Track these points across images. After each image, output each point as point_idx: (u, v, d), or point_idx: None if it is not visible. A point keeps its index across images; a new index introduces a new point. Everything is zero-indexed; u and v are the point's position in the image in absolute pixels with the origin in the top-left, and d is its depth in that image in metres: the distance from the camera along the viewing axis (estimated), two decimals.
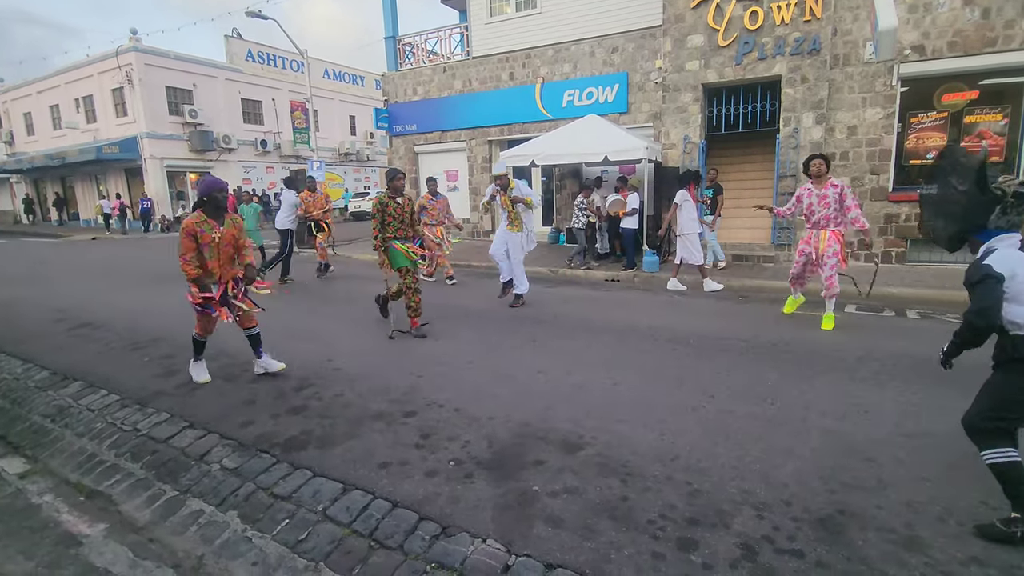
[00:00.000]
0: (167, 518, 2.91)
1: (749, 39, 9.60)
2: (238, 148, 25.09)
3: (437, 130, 14.61)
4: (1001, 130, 8.73)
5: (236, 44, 25.85)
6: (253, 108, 26.34)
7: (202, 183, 4.32)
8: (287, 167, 27.61)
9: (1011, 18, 8.15)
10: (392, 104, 15.24)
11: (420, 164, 15.40)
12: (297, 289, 9.18)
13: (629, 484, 2.90)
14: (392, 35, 15.06)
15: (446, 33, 14.73)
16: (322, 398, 4.19)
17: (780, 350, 5.14)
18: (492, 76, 13.46)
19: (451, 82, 14.14)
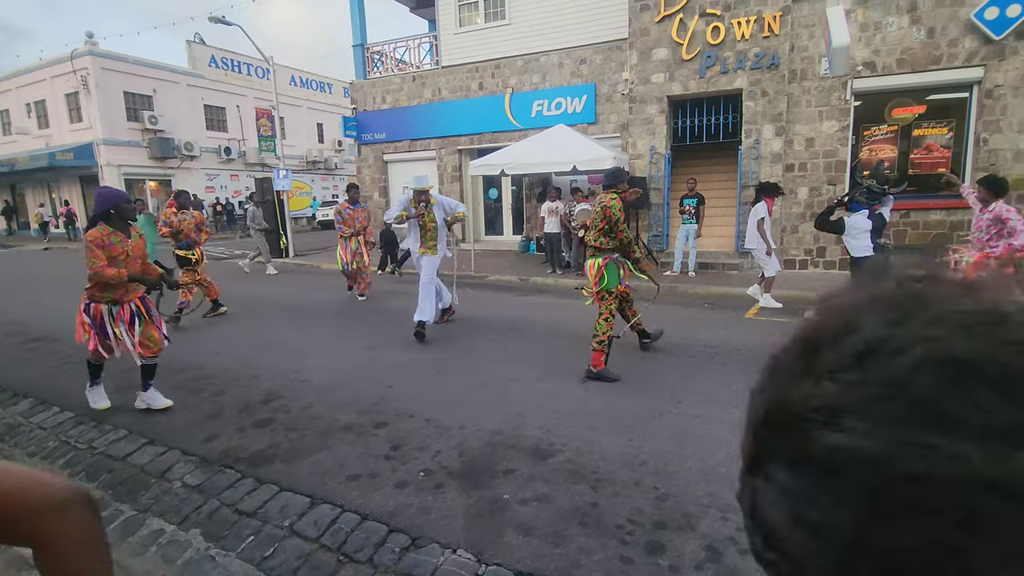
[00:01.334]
0: (126, 539, 2.81)
1: (712, 53, 9.90)
2: (201, 155, 24.47)
3: (407, 139, 14.56)
4: (947, 143, 9.20)
5: (199, 49, 25.36)
6: (217, 115, 25.76)
7: (101, 195, 4.01)
8: (252, 175, 27.09)
9: (954, 37, 8.63)
10: (361, 112, 15.14)
11: (390, 173, 15.31)
12: (264, 300, 8.99)
13: (599, 490, 2.94)
14: (360, 43, 14.98)
15: (415, 42, 14.73)
16: (290, 411, 4.12)
17: (744, 356, 5.28)
18: (462, 85, 13.52)
19: (420, 91, 14.14)
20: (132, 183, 23.00)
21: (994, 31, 8.30)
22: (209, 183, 24.94)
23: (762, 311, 7.31)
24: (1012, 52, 8.38)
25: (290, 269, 13.17)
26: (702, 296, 8.37)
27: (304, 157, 29.44)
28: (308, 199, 29.18)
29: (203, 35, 25.96)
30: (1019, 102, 8.45)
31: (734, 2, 9.61)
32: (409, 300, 8.53)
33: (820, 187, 9.69)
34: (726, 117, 10.31)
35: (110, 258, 3.87)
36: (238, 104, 26.30)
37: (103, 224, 3.93)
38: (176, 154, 23.30)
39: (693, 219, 9.47)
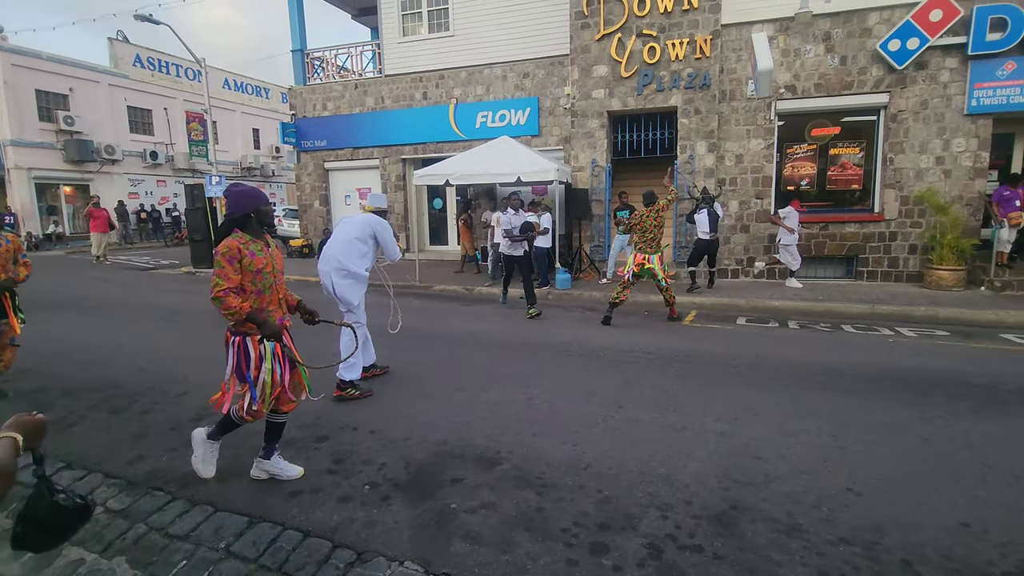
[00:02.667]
0: (40, 570, 2.60)
1: (648, 72, 10.34)
2: (124, 159, 23.01)
3: (348, 147, 14.30)
4: (859, 161, 10.00)
5: (122, 48, 23.94)
6: (142, 117, 24.33)
7: (239, 195, 3.02)
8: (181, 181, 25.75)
9: (863, 65, 9.42)
10: (300, 119, 14.74)
11: (331, 181, 14.96)
12: (193, 311, 8.55)
13: (544, 495, 2.98)
14: (300, 48, 14.63)
15: (357, 49, 14.53)
16: None
17: (681, 361, 5.50)
18: (405, 95, 13.44)
19: (363, 99, 13.94)
20: (44, 188, 21.34)
21: (896, 61, 9.13)
22: (133, 189, 23.47)
23: (698, 318, 7.64)
24: (912, 81, 9.23)
25: None
26: (642, 304, 8.65)
27: (239, 163, 28.29)
28: None
29: (128, 34, 24.55)
30: (919, 126, 9.32)
31: (668, 24, 10.10)
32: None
33: (749, 200, 10.27)
34: (663, 133, 10.77)
35: (255, 272, 2.95)
36: (166, 107, 24.97)
37: (239, 231, 3.00)
38: (95, 157, 21.79)
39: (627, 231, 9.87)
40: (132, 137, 23.76)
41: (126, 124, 23.60)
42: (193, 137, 22.46)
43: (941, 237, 8.85)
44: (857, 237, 9.77)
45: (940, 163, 9.30)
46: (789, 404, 4.28)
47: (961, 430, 3.75)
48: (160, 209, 24.29)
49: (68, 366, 5.49)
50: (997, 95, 8.87)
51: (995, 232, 8.68)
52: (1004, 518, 2.71)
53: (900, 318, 7.45)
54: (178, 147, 25.26)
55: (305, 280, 11.71)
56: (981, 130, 9.08)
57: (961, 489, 2.99)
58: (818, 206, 10.20)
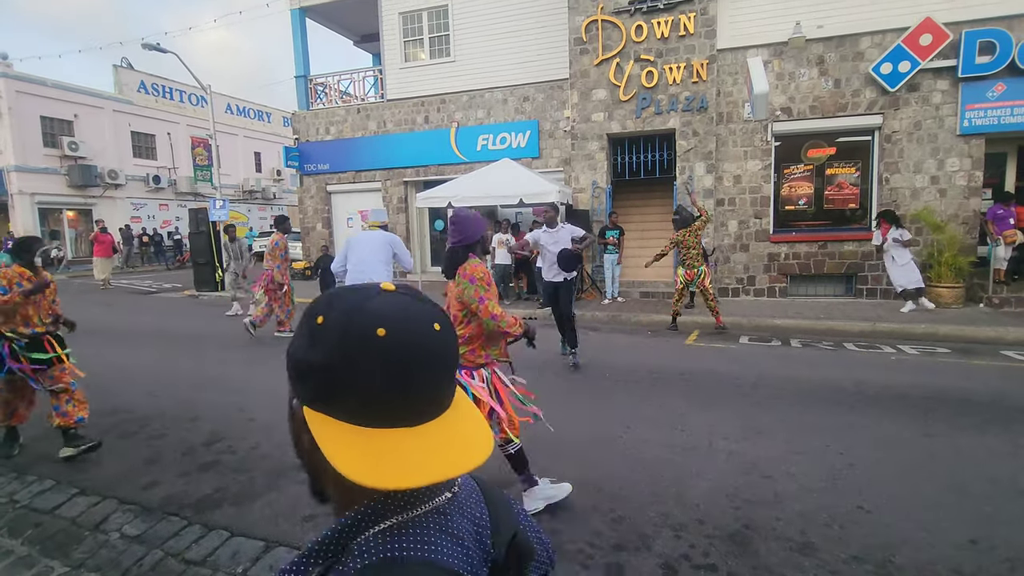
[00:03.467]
0: None
1: (647, 95, 10.56)
2: (127, 184, 23.24)
3: (351, 170, 14.49)
4: (855, 181, 10.16)
5: (126, 74, 24.35)
6: (145, 142, 24.64)
7: (470, 219, 3.01)
8: (183, 205, 25.94)
9: (857, 88, 9.64)
10: (303, 143, 14.96)
11: (333, 204, 15.13)
12: (199, 334, 8.60)
13: (558, 516, 3.01)
14: (304, 74, 14.91)
15: (360, 75, 14.82)
16: (236, 451, 3.96)
17: (686, 380, 5.55)
18: (407, 119, 13.67)
19: (365, 123, 14.17)
20: (47, 213, 21.51)
21: (889, 84, 9.35)
22: (135, 212, 23.66)
23: (701, 337, 7.70)
24: (904, 103, 9.44)
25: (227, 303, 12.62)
26: (644, 324, 8.72)
27: (240, 186, 28.55)
28: (245, 229, 28.20)
29: (133, 61, 25.00)
30: (913, 146, 9.50)
31: (666, 50, 10.35)
32: None
33: (748, 220, 10.40)
34: (662, 154, 10.95)
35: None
36: (169, 131, 25.31)
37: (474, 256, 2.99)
38: (99, 182, 22.01)
39: (616, 250, 10.23)
40: (135, 162, 24.02)
41: (130, 149, 23.89)
42: (198, 162, 22.72)
43: (939, 255, 8.96)
44: (855, 255, 9.88)
45: (935, 182, 9.47)
46: (795, 422, 4.32)
47: (966, 446, 3.79)
48: (162, 233, 24.44)
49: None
50: (988, 116, 9.07)
51: (991, 250, 8.80)
52: (1011, 534, 2.74)
53: (901, 335, 7.51)
54: (181, 171, 25.53)
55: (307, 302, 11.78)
56: (974, 150, 9.26)
57: (968, 505, 3.02)
58: (816, 225, 10.33)
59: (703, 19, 10.08)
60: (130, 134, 23.90)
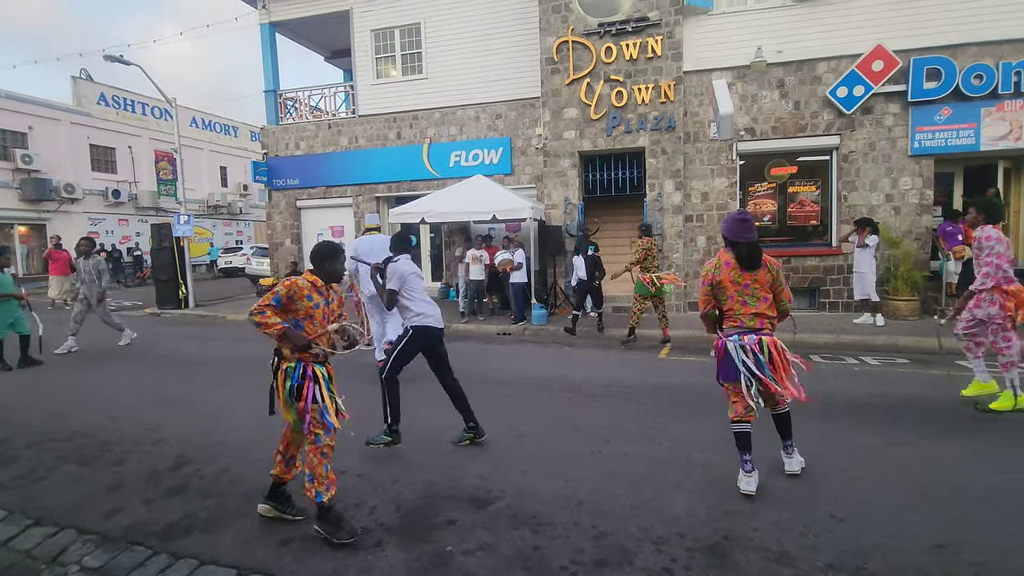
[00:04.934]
0: None
1: (616, 114, 10.80)
2: (84, 198, 22.44)
3: (321, 185, 14.32)
4: (816, 199, 10.56)
5: (86, 86, 23.65)
6: (105, 155, 23.88)
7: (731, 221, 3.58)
8: (144, 219, 25.17)
9: (815, 110, 10.07)
10: (272, 157, 14.74)
11: (303, 219, 14.90)
12: (164, 355, 8.30)
13: (540, 533, 2.99)
14: (273, 89, 14.74)
15: (331, 91, 14.74)
16: (205, 475, 3.82)
17: (661, 394, 5.62)
18: (379, 134, 13.63)
19: (336, 138, 14.07)
20: None
21: (845, 106, 9.81)
22: (92, 228, 22.80)
23: (673, 351, 7.82)
24: (860, 124, 9.90)
25: (192, 320, 12.26)
26: (617, 338, 8.80)
27: (205, 201, 27.89)
28: (207, 245, 27.52)
29: (93, 73, 24.30)
30: (868, 166, 9.95)
31: (634, 71, 10.63)
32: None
33: (716, 236, 10.67)
34: (632, 172, 11.19)
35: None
36: (130, 144, 24.61)
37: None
38: (54, 196, 21.19)
39: None
40: (94, 175, 23.25)
41: (88, 162, 23.12)
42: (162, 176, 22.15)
43: (895, 269, 9.36)
44: (818, 270, 10.24)
45: (890, 200, 9.92)
46: (767, 434, 4.40)
47: (930, 454, 3.94)
48: (121, 249, 23.62)
49: (31, 415, 5.26)
50: (936, 138, 9.58)
51: (943, 264, 9.23)
52: (975, 538, 2.85)
53: (863, 347, 7.78)
54: (142, 185, 24.82)
55: None
56: (924, 169, 9.76)
57: (934, 511, 3.13)
58: (780, 241, 10.68)
59: (670, 42, 10.41)
60: (88, 147, 23.15)
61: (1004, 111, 9.30)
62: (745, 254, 3.45)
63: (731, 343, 3.45)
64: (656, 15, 10.41)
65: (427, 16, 12.92)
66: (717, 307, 3.60)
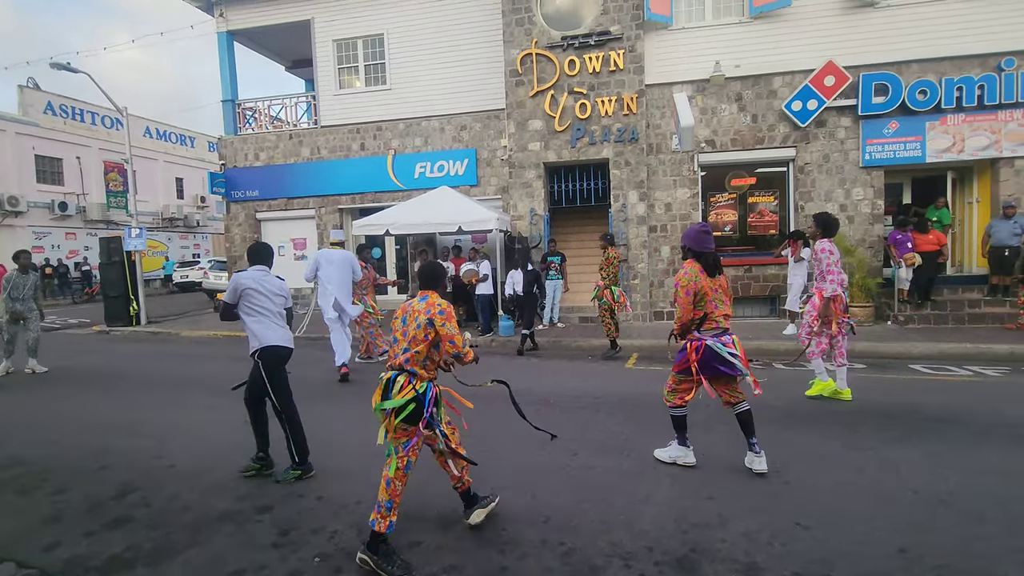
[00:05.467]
0: None
1: (581, 126, 10.92)
2: (28, 211, 21.39)
3: (283, 197, 13.99)
4: (774, 209, 10.87)
5: (32, 95, 22.65)
6: (51, 166, 22.86)
7: (695, 233, 3.87)
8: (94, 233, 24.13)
9: (772, 123, 10.39)
10: (231, 169, 14.33)
11: (263, 231, 14.50)
12: (112, 374, 7.89)
13: (507, 553, 2.91)
14: (231, 98, 14.38)
15: (292, 101, 14.46)
16: (151, 504, 3.60)
17: (629, 405, 5.61)
18: (342, 145, 13.42)
19: (298, 149, 13.79)
20: None
21: (799, 120, 10.15)
22: (37, 242, 21.74)
23: (640, 361, 7.86)
24: (814, 137, 10.27)
25: (144, 338, 11.73)
26: (585, 349, 8.82)
27: (160, 214, 26.96)
28: (162, 259, 26.55)
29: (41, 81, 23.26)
30: (823, 177, 10.30)
31: (598, 84, 10.78)
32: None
33: (679, 246, 10.83)
34: (597, 183, 11.30)
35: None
36: (79, 155, 23.64)
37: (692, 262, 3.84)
38: None
39: (559, 275, 10.40)
40: (39, 187, 22.23)
41: (33, 174, 22.10)
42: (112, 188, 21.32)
43: (850, 277, 9.66)
44: (778, 278, 10.50)
45: (844, 210, 10.28)
46: (733, 442, 4.44)
47: (888, 458, 4.02)
48: (68, 263, 22.56)
49: None
50: (886, 150, 10.01)
51: (895, 272, 9.60)
52: (936, 541, 2.90)
53: None
54: (92, 197, 23.84)
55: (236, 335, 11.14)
56: (875, 180, 10.17)
57: (896, 516, 3.18)
58: (741, 250, 10.93)
59: (631, 56, 10.61)
60: (34, 158, 22.12)
61: (947, 125, 9.79)
62: (712, 262, 3.78)
63: (712, 342, 3.74)
64: (618, 29, 10.60)
65: (390, 27, 12.85)
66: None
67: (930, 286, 9.58)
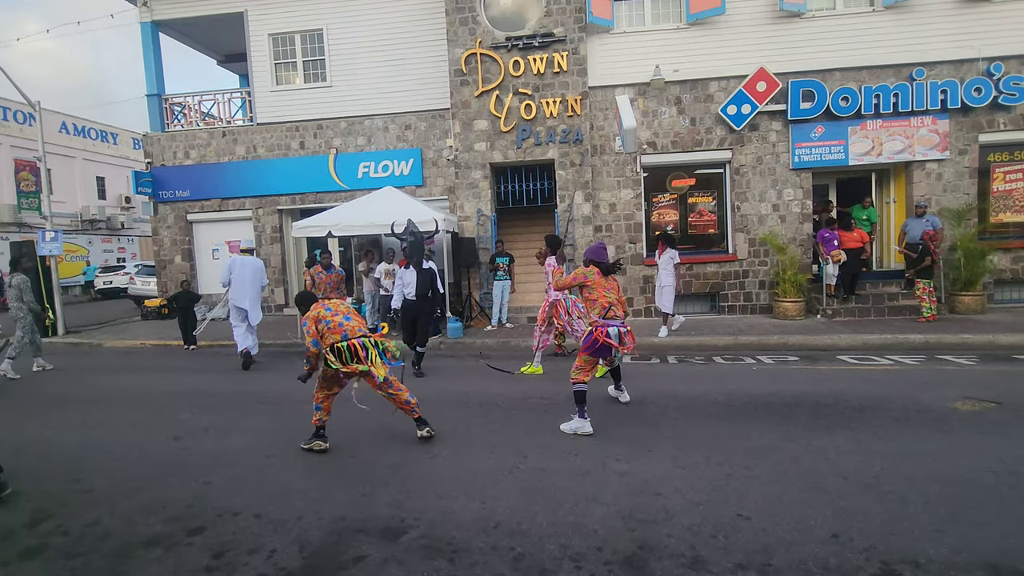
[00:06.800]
0: None
1: (526, 127, 10.95)
2: None
3: (216, 197, 13.31)
4: (713, 209, 11.27)
5: None
6: None
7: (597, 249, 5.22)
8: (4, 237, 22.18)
9: (709, 126, 10.77)
10: (158, 167, 13.51)
11: (195, 233, 13.76)
12: (22, 391, 7.25)
13: (456, 562, 2.84)
14: (157, 93, 13.55)
15: (225, 96, 13.78)
16: (68, 532, 3.30)
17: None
18: (281, 144, 12.91)
19: (232, 147, 13.16)
20: None
21: (734, 123, 10.58)
22: None
23: None
24: (748, 140, 10.72)
25: (61, 350, 10.86)
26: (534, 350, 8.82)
27: (79, 215, 25.12)
28: (82, 264, 24.74)
29: None
30: (757, 178, 10.77)
31: (542, 85, 10.85)
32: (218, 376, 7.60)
33: (624, 245, 11.08)
34: (543, 183, 11.37)
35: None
36: None
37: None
38: None
39: (507, 276, 10.42)
40: None
41: None
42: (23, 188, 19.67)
43: (783, 273, 10.17)
44: (717, 276, 10.91)
45: (776, 210, 10.79)
46: (679, 437, 4.55)
47: (820, 447, 4.22)
48: None
49: None
50: (813, 153, 10.58)
51: (823, 268, 10.16)
52: (864, 525, 3.05)
53: (758, 347, 8.34)
54: (2, 198, 21.89)
55: (166, 344, 10.51)
56: (804, 182, 10.73)
57: (827, 502, 3.33)
58: (683, 249, 11.24)
59: (575, 58, 10.73)
60: None
61: (867, 129, 10.45)
62: (605, 268, 5.08)
63: (612, 330, 4.80)
64: (561, 31, 10.70)
65: (329, 22, 12.47)
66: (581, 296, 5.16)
67: (855, 281, 10.19)
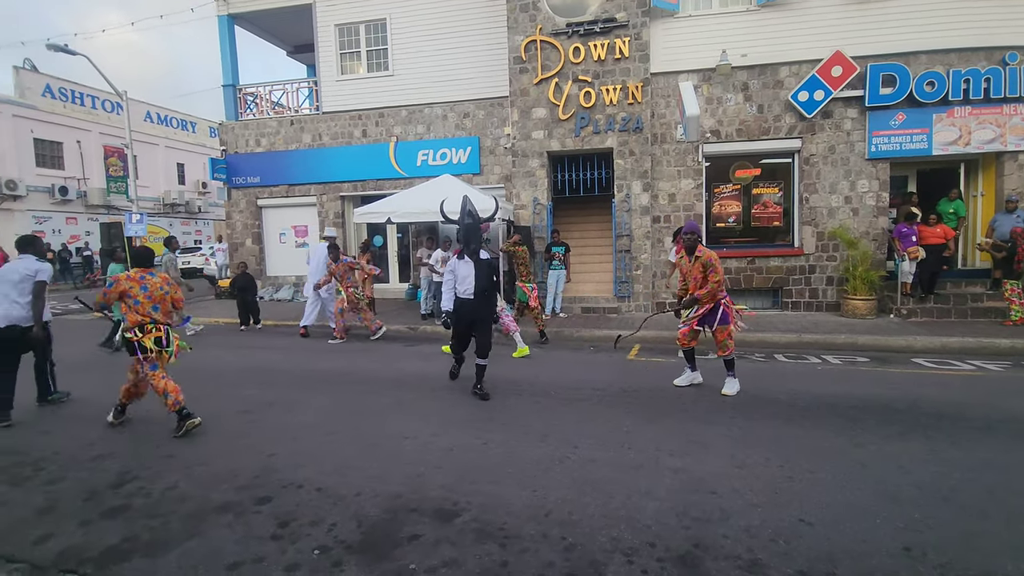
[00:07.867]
0: None
1: (585, 115, 10.78)
2: (28, 195, 21.27)
3: (284, 183, 13.89)
4: (779, 200, 10.76)
5: (29, 77, 22.44)
6: (51, 150, 22.70)
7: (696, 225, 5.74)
8: (95, 218, 24.03)
9: (778, 114, 10.26)
10: (231, 155, 14.22)
11: (264, 218, 14.43)
12: (103, 363, 7.86)
13: (507, 547, 2.88)
14: (232, 83, 14.23)
15: (293, 86, 14.31)
16: (150, 493, 3.57)
17: (630, 396, 5.58)
18: (344, 132, 13.30)
19: (299, 135, 13.67)
20: None
21: (806, 110, 10.02)
22: (38, 227, 21.64)
23: (641, 352, 7.83)
24: (820, 128, 10.14)
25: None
26: (587, 340, 8.78)
27: (161, 199, 26.84)
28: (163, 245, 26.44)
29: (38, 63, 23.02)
30: (828, 168, 10.19)
31: (602, 72, 10.63)
32: (283, 354, 7.97)
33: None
34: (600, 172, 11.19)
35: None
36: (79, 139, 23.47)
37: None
38: None
39: (562, 265, 10.36)
40: (39, 171, 22.08)
41: (32, 157, 21.93)
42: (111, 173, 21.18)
43: (853, 269, 9.61)
44: (781, 270, 10.43)
45: (848, 202, 10.18)
46: (737, 436, 4.41)
47: (892, 453, 3.99)
48: (70, 248, 22.48)
49: None
50: (892, 142, 9.88)
51: (898, 265, 9.52)
52: (940, 539, 2.87)
53: (824, 346, 7.94)
54: (92, 182, 23.69)
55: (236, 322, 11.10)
56: (880, 173, 10.05)
57: (899, 513, 3.15)
58: (744, 241, 10.85)
59: (637, 44, 10.45)
60: (33, 141, 21.96)
61: (954, 117, 9.65)
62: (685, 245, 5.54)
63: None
64: (623, 16, 10.43)
65: (393, 12, 12.68)
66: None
67: (934, 280, 9.51)
